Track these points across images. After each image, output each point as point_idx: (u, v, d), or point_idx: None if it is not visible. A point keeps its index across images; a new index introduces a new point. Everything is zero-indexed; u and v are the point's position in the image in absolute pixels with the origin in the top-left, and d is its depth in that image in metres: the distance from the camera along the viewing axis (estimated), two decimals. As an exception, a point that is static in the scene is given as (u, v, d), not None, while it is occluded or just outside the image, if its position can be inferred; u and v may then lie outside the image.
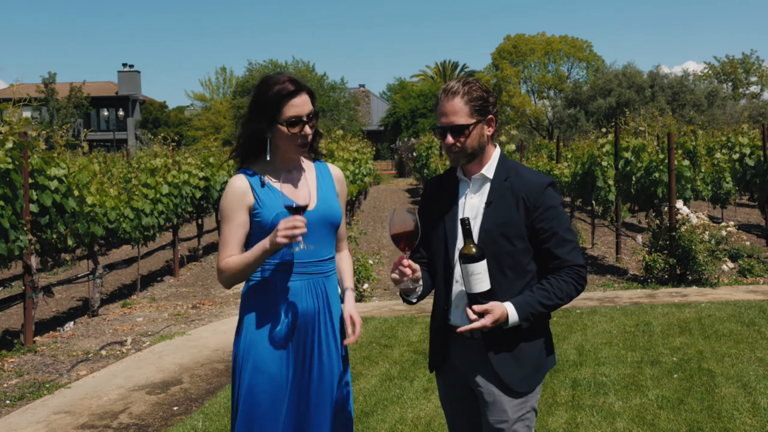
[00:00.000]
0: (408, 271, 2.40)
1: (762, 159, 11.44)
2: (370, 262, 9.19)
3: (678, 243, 9.06)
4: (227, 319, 8.12)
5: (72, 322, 8.15)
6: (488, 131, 2.51)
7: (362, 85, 62.30)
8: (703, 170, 12.69)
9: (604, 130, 12.02)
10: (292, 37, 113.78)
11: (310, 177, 2.69)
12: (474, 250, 2.37)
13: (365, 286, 8.90)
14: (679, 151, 11.09)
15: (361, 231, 10.76)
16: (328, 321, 2.63)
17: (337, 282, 2.72)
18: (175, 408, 5.17)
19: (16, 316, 8.64)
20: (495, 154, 2.56)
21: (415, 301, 2.58)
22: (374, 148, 26.84)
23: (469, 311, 2.38)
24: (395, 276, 2.42)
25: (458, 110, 2.43)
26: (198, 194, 11.80)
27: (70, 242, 7.60)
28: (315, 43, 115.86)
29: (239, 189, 2.57)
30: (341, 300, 2.71)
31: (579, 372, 5.51)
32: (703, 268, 8.98)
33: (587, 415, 4.60)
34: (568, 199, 14.71)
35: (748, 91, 55.18)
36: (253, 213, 2.57)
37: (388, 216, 18.57)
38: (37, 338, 7.41)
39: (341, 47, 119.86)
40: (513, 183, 2.48)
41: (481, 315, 2.37)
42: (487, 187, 2.52)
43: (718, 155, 13.79)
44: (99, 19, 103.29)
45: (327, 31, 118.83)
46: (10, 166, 6.40)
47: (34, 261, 7.02)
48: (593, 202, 12.11)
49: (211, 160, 12.70)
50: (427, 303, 2.79)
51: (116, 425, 4.84)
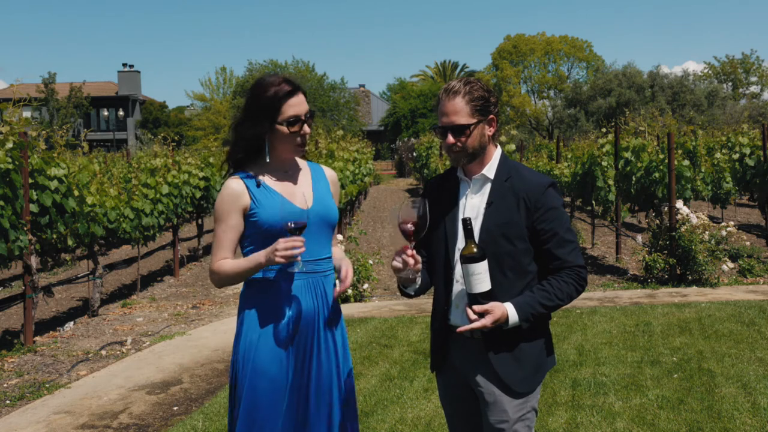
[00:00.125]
0: (411, 260, 2.40)
1: (762, 159, 11.44)
2: (370, 262, 9.19)
3: (678, 243, 9.07)
4: (227, 319, 8.12)
5: (72, 322, 8.16)
6: (489, 131, 2.50)
7: (362, 85, 62.35)
8: (703, 170, 12.68)
9: (604, 130, 12.02)
10: (292, 37, 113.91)
11: (305, 177, 2.70)
12: (475, 250, 2.37)
13: (365, 286, 8.90)
14: (679, 151, 11.09)
15: (361, 231, 10.77)
16: (327, 320, 2.64)
17: (333, 282, 2.72)
18: (175, 408, 5.17)
19: (16, 316, 8.64)
20: (496, 154, 2.55)
21: (412, 293, 2.57)
22: (374, 148, 26.86)
23: (470, 311, 2.38)
24: (397, 264, 2.42)
25: (459, 110, 2.43)
26: (198, 194, 11.80)
27: (70, 242, 7.60)
28: (315, 43, 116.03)
29: (235, 191, 2.56)
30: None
31: (579, 372, 5.51)
32: (703, 268, 8.98)
33: (587, 415, 4.60)
34: (568, 199, 14.71)
35: (748, 91, 55.20)
36: (249, 213, 2.56)
37: (388, 216, 18.56)
38: (37, 338, 7.41)
39: (341, 47, 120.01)
40: (514, 183, 2.48)
41: (482, 315, 2.37)
42: (488, 187, 2.51)
43: (718, 155, 13.79)
44: (99, 19, 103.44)
45: (327, 31, 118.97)
46: (10, 166, 6.40)
47: (34, 261, 7.02)
48: (593, 202, 12.12)
49: (211, 160, 12.69)
50: (427, 303, 2.79)
51: (116, 425, 4.84)
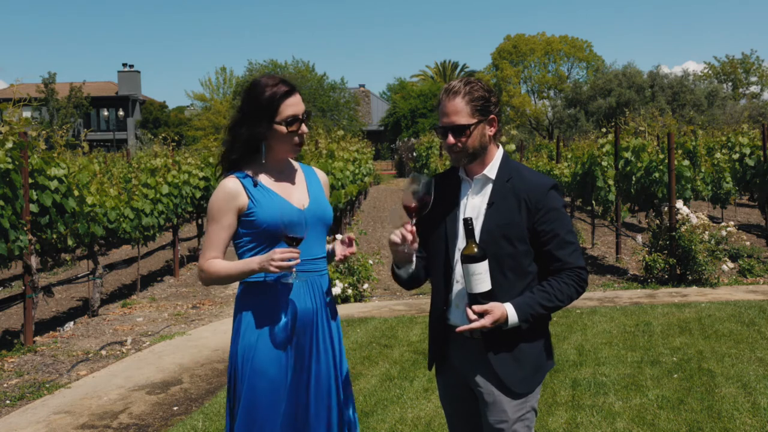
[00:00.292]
0: (410, 236, 2.41)
1: (762, 159, 11.44)
2: (370, 262, 9.19)
3: (678, 243, 9.06)
4: (227, 319, 8.11)
5: (72, 322, 8.15)
6: (490, 131, 2.50)
7: (362, 85, 62.36)
8: (703, 170, 12.68)
9: (604, 130, 12.02)
10: (292, 37, 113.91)
11: (300, 177, 2.72)
12: (476, 250, 2.37)
13: (365, 286, 8.90)
14: (679, 151, 11.09)
15: (361, 231, 10.77)
16: (325, 320, 2.64)
17: (329, 281, 2.73)
18: (175, 408, 5.17)
19: (16, 316, 8.64)
20: (498, 155, 2.55)
21: (404, 276, 2.55)
22: (374, 148, 26.84)
23: (469, 311, 2.38)
24: (395, 238, 2.42)
25: (459, 110, 2.43)
26: (198, 194, 11.80)
27: (70, 242, 7.60)
28: (315, 43, 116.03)
29: (231, 191, 2.56)
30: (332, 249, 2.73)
31: (579, 372, 5.51)
32: (703, 268, 8.98)
33: (587, 415, 4.60)
34: (568, 199, 14.70)
35: (748, 91, 55.21)
36: (246, 213, 2.56)
37: (388, 216, 18.54)
38: (37, 338, 7.41)
39: (341, 47, 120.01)
40: (515, 184, 2.47)
41: (481, 315, 2.37)
42: (489, 187, 2.51)
43: (718, 155, 13.79)
44: (99, 19, 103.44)
45: (327, 31, 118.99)
46: (10, 166, 6.40)
47: (34, 261, 7.02)
48: (593, 202, 12.12)
49: (211, 160, 12.68)
50: (428, 303, 2.79)
51: (116, 425, 4.84)
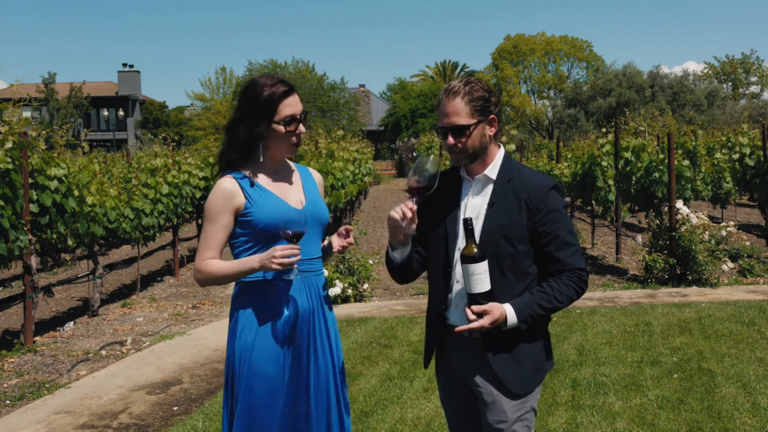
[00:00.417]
0: (409, 213, 2.39)
1: (762, 159, 11.44)
2: (370, 262, 9.19)
3: (678, 243, 9.06)
4: (227, 319, 8.10)
5: (72, 322, 8.15)
6: (490, 131, 2.49)
7: (362, 85, 62.35)
8: (703, 170, 12.68)
9: (604, 130, 12.02)
10: (292, 37, 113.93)
11: (296, 178, 2.72)
12: (475, 250, 2.36)
13: (365, 286, 8.90)
14: (679, 151, 11.09)
15: (361, 231, 10.76)
16: (322, 319, 2.64)
17: (325, 281, 2.73)
18: (175, 408, 5.17)
19: (16, 316, 8.64)
20: (499, 155, 2.54)
21: (398, 258, 2.54)
22: (374, 148, 26.85)
23: (468, 311, 2.38)
24: (395, 214, 2.41)
25: (459, 110, 2.42)
26: (198, 194, 11.80)
27: (70, 242, 7.60)
28: (315, 43, 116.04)
29: (228, 191, 2.55)
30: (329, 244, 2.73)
31: (579, 372, 5.51)
32: (703, 268, 8.98)
33: (587, 415, 4.60)
34: (568, 199, 14.70)
35: (748, 91, 55.20)
36: (243, 213, 2.56)
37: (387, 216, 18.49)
38: (37, 338, 7.41)
39: (341, 47, 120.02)
40: (516, 184, 2.47)
41: (480, 315, 2.37)
42: (490, 188, 2.50)
43: (718, 155, 13.79)
44: (99, 19, 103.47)
45: (327, 31, 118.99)
46: (10, 166, 6.40)
47: (34, 261, 7.02)
48: (593, 202, 12.11)
49: (211, 160, 12.67)
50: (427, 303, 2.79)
51: (116, 425, 4.84)
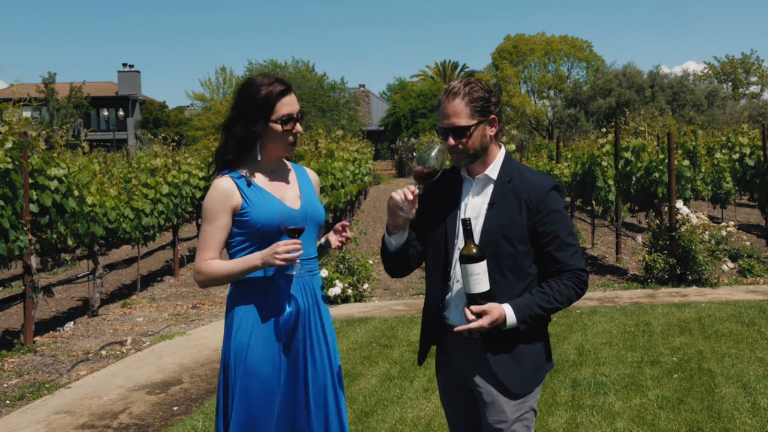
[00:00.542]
0: (411, 196, 2.39)
1: (762, 159, 11.44)
2: (370, 262, 9.19)
3: (678, 243, 9.06)
4: (227, 319, 8.11)
5: (72, 322, 8.15)
6: (490, 132, 2.49)
7: (362, 85, 62.36)
8: (703, 170, 12.68)
9: (604, 130, 12.01)
10: (292, 37, 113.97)
11: (293, 177, 2.73)
12: (474, 250, 2.36)
13: (365, 286, 8.90)
14: (679, 151, 11.08)
15: (361, 231, 10.76)
16: (317, 319, 2.64)
17: (321, 281, 2.73)
18: (175, 408, 5.17)
19: (16, 316, 8.64)
20: (500, 155, 2.54)
21: (393, 244, 2.52)
22: (374, 148, 26.86)
23: (467, 311, 2.38)
24: (396, 196, 2.39)
25: (459, 111, 2.42)
26: (198, 194, 11.79)
27: (70, 242, 7.60)
28: (315, 43, 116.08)
29: (225, 190, 2.56)
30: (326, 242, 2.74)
31: (579, 372, 5.51)
32: (703, 268, 8.98)
33: (587, 415, 4.60)
34: (568, 199, 14.70)
35: (748, 91, 55.20)
36: (240, 213, 2.55)
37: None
38: (37, 338, 7.41)
39: (341, 47, 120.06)
40: (516, 185, 2.47)
41: (479, 315, 2.37)
42: (491, 187, 2.50)
43: (718, 155, 13.79)
44: (99, 19, 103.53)
45: (327, 31, 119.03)
46: (10, 166, 6.40)
47: (34, 261, 7.02)
48: (593, 202, 12.11)
49: (211, 160, 12.68)
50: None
51: (116, 425, 4.84)
